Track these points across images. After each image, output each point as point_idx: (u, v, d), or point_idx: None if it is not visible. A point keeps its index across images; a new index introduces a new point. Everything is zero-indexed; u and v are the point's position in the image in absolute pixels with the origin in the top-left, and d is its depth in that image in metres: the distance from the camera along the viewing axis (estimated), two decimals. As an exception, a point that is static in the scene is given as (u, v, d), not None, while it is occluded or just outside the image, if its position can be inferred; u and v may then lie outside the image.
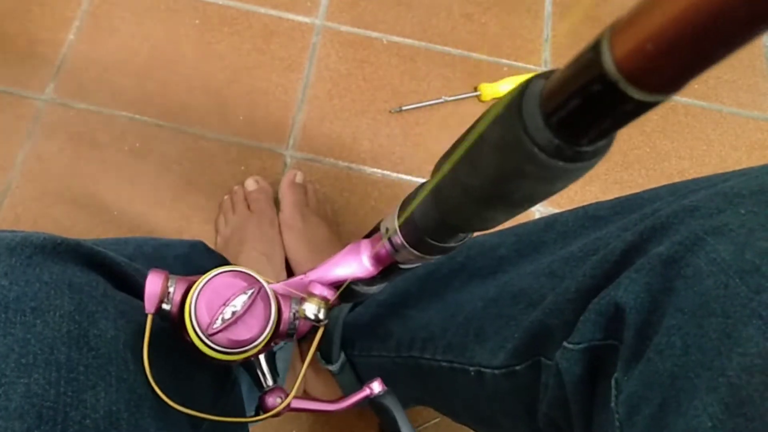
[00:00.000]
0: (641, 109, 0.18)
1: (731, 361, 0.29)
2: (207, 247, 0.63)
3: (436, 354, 0.52)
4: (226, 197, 0.85)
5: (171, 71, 0.93)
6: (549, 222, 0.49)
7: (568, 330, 0.40)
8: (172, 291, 0.35)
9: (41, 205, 0.83)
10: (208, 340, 0.34)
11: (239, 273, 0.35)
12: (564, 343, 0.39)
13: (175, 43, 0.94)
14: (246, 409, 0.56)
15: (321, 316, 0.35)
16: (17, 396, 0.27)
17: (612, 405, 0.35)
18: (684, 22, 0.14)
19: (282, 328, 0.37)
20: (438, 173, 0.27)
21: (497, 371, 0.47)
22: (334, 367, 0.67)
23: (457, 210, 0.26)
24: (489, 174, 0.23)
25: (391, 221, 0.32)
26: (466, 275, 0.53)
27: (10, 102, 0.88)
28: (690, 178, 0.43)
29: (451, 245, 0.30)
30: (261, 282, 0.36)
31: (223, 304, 0.34)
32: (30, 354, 0.28)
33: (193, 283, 0.35)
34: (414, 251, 0.31)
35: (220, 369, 0.48)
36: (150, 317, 0.34)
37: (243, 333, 0.34)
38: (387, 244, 0.33)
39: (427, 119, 0.94)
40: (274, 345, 0.38)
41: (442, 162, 0.26)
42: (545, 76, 0.21)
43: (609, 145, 0.21)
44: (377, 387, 0.38)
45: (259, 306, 0.35)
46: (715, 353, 0.30)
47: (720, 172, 0.41)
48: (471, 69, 0.98)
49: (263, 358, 0.40)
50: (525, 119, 0.20)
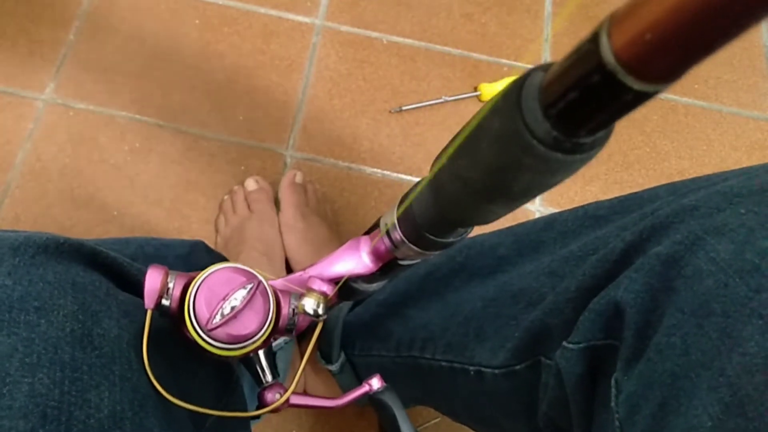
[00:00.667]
0: (640, 99, 0.18)
1: (731, 361, 0.29)
2: (207, 247, 0.63)
3: (435, 354, 0.52)
4: (226, 197, 0.85)
5: (171, 71, 0.93)
6: (548, 221, 0.49)
7: (567, 330, 0.40)
8: (171, 287, 0.35)
9: (41, 205, 0.83)
10: (207, 335, 0.34)
11: (238, 269, 0.36)
12: (564, 343, 0.39)
13: (175, 43, 0.94)
14: (248, 409, 0.56)
15: (320, 311, 0.35)
16: (21, 395, 0.27)
17: (612, 405, 0.35)
18: (682, 11, 0.15)
19: (281, 323, 0.37)
20: (436, 166, 0.27)
21: (497, 371, 0.47)
22: (334, 367, 0.67)
23: (456, 204, 0.26)
24: (488, 167, 0.23)
25: (390, 217, 0.32)
26: (465, 275, 0.53)
27: (10, 102, 0.88)
28: (690, 177, 0.43)
29: (450, 240, 0.30)
30: (259, 278, 0.36)
31: (222, 299, 0.34)
32: (34, 353, 0.29)
33: (193, 279, 0.35)
34: (413, 247, 0.31)
35: (222, 367, 0.48)
36: (149, 313, 0.34)
37: (242, 328, 0.34)
38: (386, 239, 0.33)
39: (427, 119, 0.94)
40: (273, 340, 0.38)
41: (440, 156, 0.26)
42: (544, 68, 0.21)
43: (608, 137, 0.21)
44: (376, 383, 0.38)
45: (258, 301, 0.35)
46: (715, 353, 0.30)
47: (720, 171, 0.41)
48: (471, 69, 0.98)
49: (263, 354, 0.40)
50: (524, 111, 0.20)
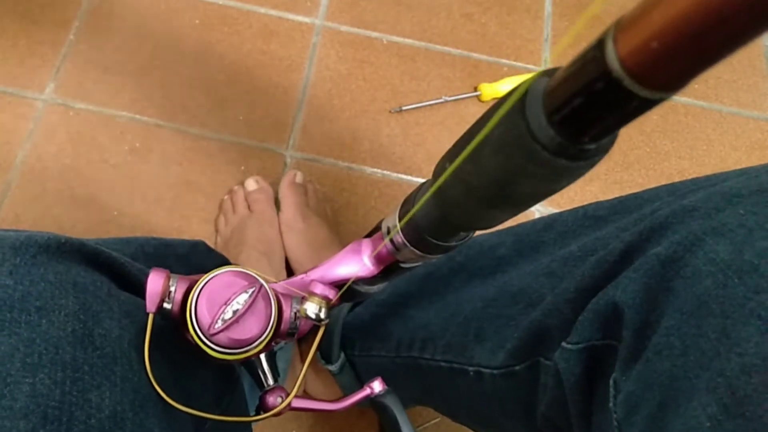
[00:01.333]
0: (645, 107, 0.18)
1: (730, 362, 0.29)
2: (208, 247, 0.63)
3: (435, 354, 0.52)
4: (226, 197, 0.85)
5: (171, 71, 0.93)
6: (548, 222, 0.49)
7: (567, 330, 0.40)
8: (173, 290, 0.35)
9: (41, 205, 0.83)
10: (209, 340, 0.34)
11: (240, 272, 0.35)
12: (562, 344, 0.39)
13: (175, 43, 0.94)
14: (249, 407, 0.56)
15: (322, 315, 0.35)
16: (22, 396, 0.27)
17: (610, 405, 0.35)
18: (689, 20, 0.15)
19: (283, 327, 0.36)
20: (440, 173, 0.27)
21: (496, 371, 0.47)
22: (333, 367, 0.67)
23: (460, 209, 0.26)
24: (492, 172, 0.23)
25: (393, 220, 0.32)
26: (465, 275, 0.53)
27: (10, 102, 0.88)
28: (690, 178, 0.43)
29: (453, 244, 0.30)
30: (261, 281, 0.36)
31: (224, 303, 0.34)
32: (35, 354, 0.28)
33: (195, 283, 0.35)
34: (415, 250, 0.31)
35: (223, 367, 0.48)
36: (151, 317, 0.34)
37: (244, 332, 0.34)
38: (388, 243, 0.33)
39: (427, 119, 0.94)
40: (275, 344, 0.38)
41: (443, 161, 0.26)
42: (548, 74, 0.20)
43: (611, 143, 0.21)
44: (378, 386, 0.38)
45: (260, 305, 0.35)
46: (714, 353, 0.30)
47: (720, 171, 0.41)
48: (471, 69, 0.98)
49: (264, 357, 0.40)
50: (528, 117, 0.20)
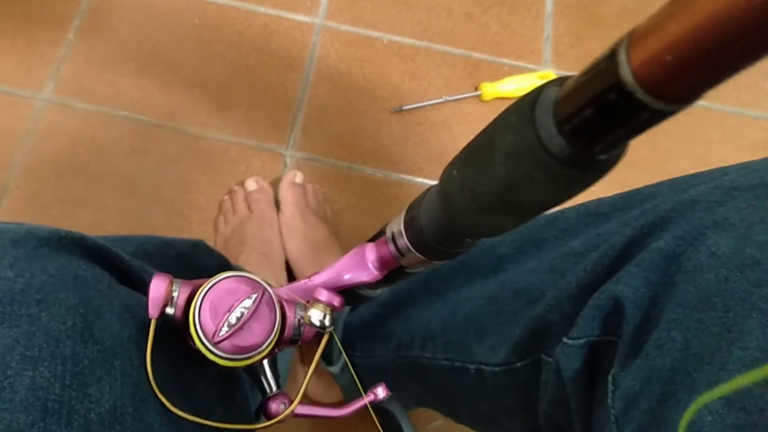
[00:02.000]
0: (657, 119, 0.17)
1: (731, 355, 0.29)
2: (208, 246, 0.63)
3: (436, 352, 0.52)
4: (226, 197, 0.85)
5: (170, 71, 0.92)
6: (550, 219, 0.49)
7: (568, 326, 0.40)
8: (176, 295, 0.35)
9: (40, 205, 0.83)
10: (213, 348, 0.33)
11: (243, 278, 0.35)
12: (563, 339, 0.39)
13: (175, 43, 0.94)
14: (250, 407, 0.56)
15: (327, 322, 0.35)
16: (22, 388, 0.27)
17: (609, 401, 0.35)
18: (705, 34, 0.14)
19: (286, 334, 0.36)
20: (446, 180, 0.26)
21: (497, 369, 0.47)
22: (334, 369, 0.67)
23: (466, 216, 0.26)
24: (500, 181, 0.23)
25: (397, 225, 0.32)
26: (467, 273, 0.53)
27: (9, 101, 0.88)
28: (691, 173, 0.42)
29: (458, 250, 0.30)
30: (265, 287, 0.35)
31: (228, 310, 0.34)
32: (35, 347, 0.28)
33: (197, 287, 0.34)
34: (420, 256, 0.31)
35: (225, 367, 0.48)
36: (153, 322, 0.34)
37: (248, 339, 0.34)
38: (393, 248, 0.32)
39: (428, 119, 0.94)
40: (277, 351, 0.37)
41: (450, 168, 0.26)
42: (558, 83, 0.20)
43: (622, 154, 0.21)
44: (381, 392, 0.38)
45: (264, 311, 0.34)
46: (716, 347, 0.30)
47: (721, 166, 0.41)
48: (471, 68, 0.98)
49: (267, 363, 0.40)
50: (538, 127, 0.20)
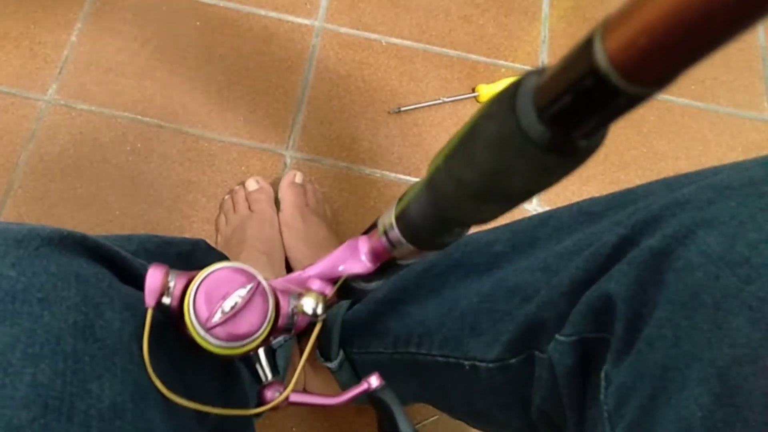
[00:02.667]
0: (634, 103, 0.18)
1: (721, 352, 0.29)
2: (209, 246, 0.63)
3: (432, 349, 0.53)
4: (226, 197, 0.86)
5: (172, 72, 0.93)
6: (543, 218, 0.49)
7: (561, 323, 0.40)
8: (172, 285, 0.35)
9: (44, 205, 0.84)
10: (206, 333, 0.34)
11: (238, 269, 0.36)
12: (556, 336, 0.40)
13: (176, 45, 0.95)
14: (249, 404, 0.57)
15: (319, 311, 0.35)
16: (23, 385, 0.27)
17: (601, 397, 0.36)
18: (677, 16, 0.15)
19: (280, 322, 0.37)
20: (434, 171, 0.27)
21: (491, 365, 0.47)
22: (332, 365, 0.67)
23: (453, 205, 0.26)
24: (484, 169, 0.23)
25: (388, 217, 0.32)
26: (462, 271, 0.54)
27: (13, 102, 0.89)
28: (684, 173, 0.43)
29: (448, 240, 0.30)
30: (259, 277, 0.36)
31: (222, 298, 0.34)
32: (36, 344, 0.29)
33: (193, 278, 0.35)
34: (411, 247, 0.31)
35: (224, 363, 0.48)
36: (150, 311, 0.34)
37: (241, 327, 0.34)
38: (384, 240, 0.33)
39: (426, 120, 0.94)
40: (273, 339, 0.38)
41: (437, 158, 0.27)
42: (538, 72, 0.21)
43: (602, 139, 0.21)
44: (375, 381, 0.39)
45: (258, 300, 0.35)
46: (706, 344, 0.30)
47: (712, 166, 0.41)
48: (469, 70, 0.99)
49: (262, 352, 0.40)
50: (518, 115, 0.20)
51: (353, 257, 0.36)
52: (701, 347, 0.30)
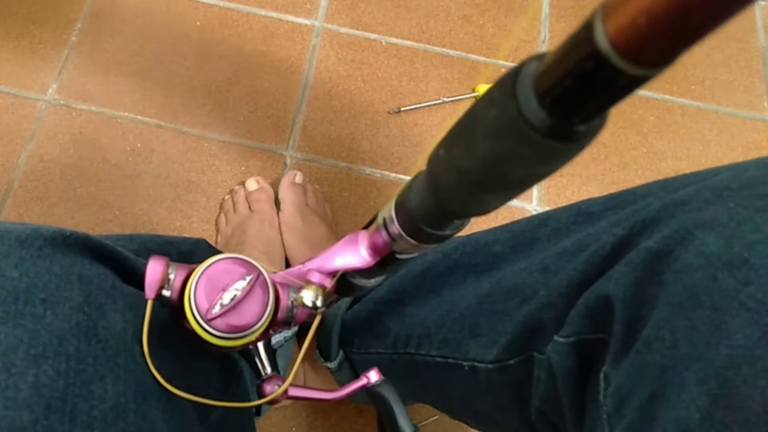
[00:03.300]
0: (634, 84, 0.18)
1: (719, 353, 0.29)
2: (209, 245, 0.64)
3: (431, 350, 0.53)
4: (227, 197, 0.86)
5: (172, 72, 0.93)
6: (542, 219, 0.49)
7: (559, 324, 0.40)
8: (172, 277, 0.35)
9: (44, 205, 0.84)
10: (206, 325, 0.34)
11: (238, 260, 0.36)
12: (555, 337, 0.40)
13: (176, 45, 0.95)
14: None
15: (318, 303, 0.35)
16: (26, 386, 0.27)
17: (600, 398, 0.36)
18: None
19: (280, 315, 0.37)
20: (434, 161, 0.26)
21: (490, 366, 0.47)
22: (332, 364, 0.67)
23: (453, 195, 0.26)
24: (484, 156, 0.23)
25: (388, 211, 0.32)
26: (461, 272, 0.54)
27: (13, 102, 0.89)
28: (682, 174, 0.43)
29: (448, 233, 0.30)
30: (260, 269, 0.36)
31: (222, 289, 0.35)
32: (39, 345, 0.29)
33: (193, 271, 0.35)
34: (411, 240, 0.31)
35: (226, 363, 0.48)
36: (150, 303, 0.34)
37: (241, 318, 0.35)
38: (384, 233, 0.32)
39: (426, 120, 0.95)
40: (272, 333, 0.38)
41: (437, 148, 0.26)
42: (538, 57, 0.21)
43: (602, 125, 0.21)
44: (374, 376, 0.39)
45: (258, 292, 0.35)
46: (704, 345, 0.30)
47: (711, 167, 0.41)
48: (469, 70, 0.99)
49: (262, 346, 0.41)
50: (519, 100, 0.20)
51: (353, 251, 0.36)
52: (700, 348, 0.30)
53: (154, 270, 0.35)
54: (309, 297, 0.35)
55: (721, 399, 0.29)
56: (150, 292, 0.34)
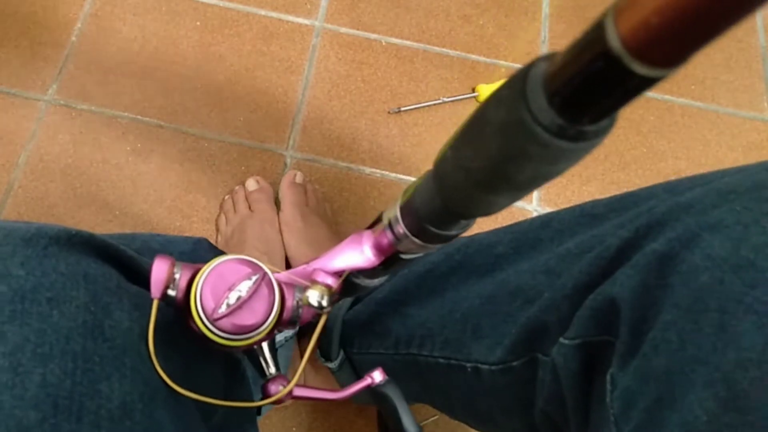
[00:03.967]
0: (645, 85, 0.18)
1: (726, 356, 0.29)
2: (210, 245, 0.64)
3: (433, 351, 0.53)
4: (227, 197, 0.86)
5: (172, 72, 0.93)
6: (546, 220, 0.49)
7: (564, 326, 0.40)
8: (177, 277, 0.35)
9: (44, 205, 0.84)
10: (212, 325, 0.34)
11: (244, 260, 0.36)
12: (560, 339, 0.40)
13: (176, 45, 0.95)
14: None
15: (324, 303, 0.35)
16: (33, 385, 0.27)
17: (607, 400, 0.35)
18: None
19: (285, 315, 0.37)
20: (441, 161, 0.26)
21: (494, 367, 0.47)
22: (333, 365, 0.67)
23: (460, 195, 0.26)
24: (492, 156, 0.23)
25: (393, 211, 0.32)
26: (464, 273, 0.54)
27: (13, 103, 0.89)
28: (686, 176, 0.43)
29: (453, 233, 0.30)
30: (265, 269, 0.36)
31: (228, 289, 0.35)
32: (46, 344, 0.29)
33: (199, 270, 0.35)
34: (416, 240, 0.31)
35: (230, 364, 0.48)
36: (155, 302, 0.34)
37: (247, 318, 0.35)
38: (389, 233, 0.32)
39: (426, 120, 0.95)
40: (277, 333, 0.38)
41: (444, 148, 0.26)
42: (547, 57, 0.21)
43: (611, 125, 0.21)
44: (378, 376, 0.39)
45: (263, 292, 0.35)
46: (711, 348, 0.30)
47: (716, 170, 0.41)
48: (469, 70, 0.99)
49: (266, 346, 0.41)
50: (529, 100, 0.20)
51: (357, 251, 0.36)
52: (706, 351, 0.30)
53: (159, 269, 0.35)
54: (314, 297, 0.35)
55: (728, 402, 0.29)
56: (156, 291, 0.34)
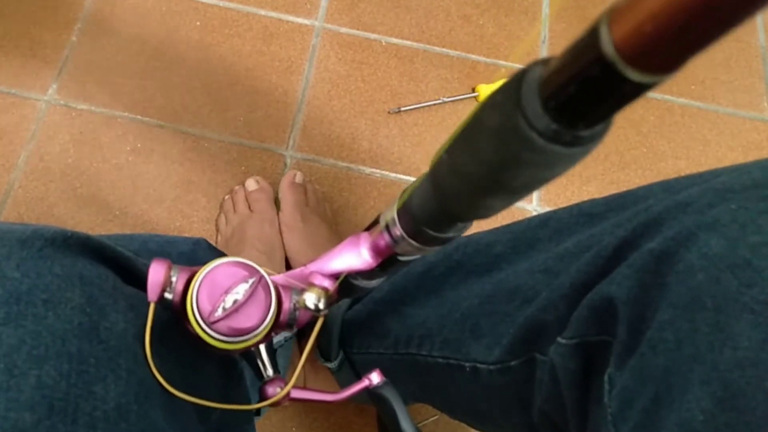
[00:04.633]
0: (639, 91, 0.18)
1: (723, 355, 0.29)
2: (210, 245, 0.64)
3: (432, 350, 0.53)
4: (227, 197, 0.86)
5: (172, 72, 0.93)
6: (544, 219, 0.49)
7: (562, 326, 0.40)
8: (174, 280, 0.35)
9: (44, 205, 0.84)
10: (209, 328, 0.34)
11: (240, 263, 0.36)
12: (558, 339, 0.40)
13: (176, 45, 0.95)
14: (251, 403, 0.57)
15: (321, 305, 0.35)
16: (28, 387, 0.27)
17: (605, 400, 0.36)
18: (681, 2, 0.15)
19: (282, 318, 0.37)
20: (437, 164, 0.26)
21: (492, 367, 0.47)
22: (332, 365, 0.67)
23: (456, 199, 0.26)
24: (487, 161, 0.23)
25: (390, 213, 0.32)
26: (462, 273, 0.54)
27: (13, 102, 0.89)
28: (684, 175, 0.43)
29: (450, 236, 0.30)
30: (261, 272, 0.36)
31: (225, 292, 0.35)
32: (41, 346, 0.29)
33: (195, 273, 0.35)
34: (413, 242, 0.31)
35: (226, 365, 0.48)
36: (152, 306, 0.34)
37: (243, 321, 0.35)
38: (386, 235, 0.32)
39: (425, 120, 0.95)
40: (274, 335, 0.38)
41: (440, 152, 0.26)
42: (542, 62, 0.21)
43: (606, 130, 0.21)
44: (376, 378, 0.39)
45: (260, 295, 0.35)
46: (708, 347, 0.30)
47: (713, 168, 0.41)
48: (469, 70, 0.99)
49: (264, 348, 0.41)
50: (523, 105, 0.20)
51: (355, 253, 0.36)
52: (703, 350, 0.30)
53: (156, 273, 0.35)
54: (311, 299, 0.35)
55: (725, 401, 0.29)
56: (152, 295, 0.34)
